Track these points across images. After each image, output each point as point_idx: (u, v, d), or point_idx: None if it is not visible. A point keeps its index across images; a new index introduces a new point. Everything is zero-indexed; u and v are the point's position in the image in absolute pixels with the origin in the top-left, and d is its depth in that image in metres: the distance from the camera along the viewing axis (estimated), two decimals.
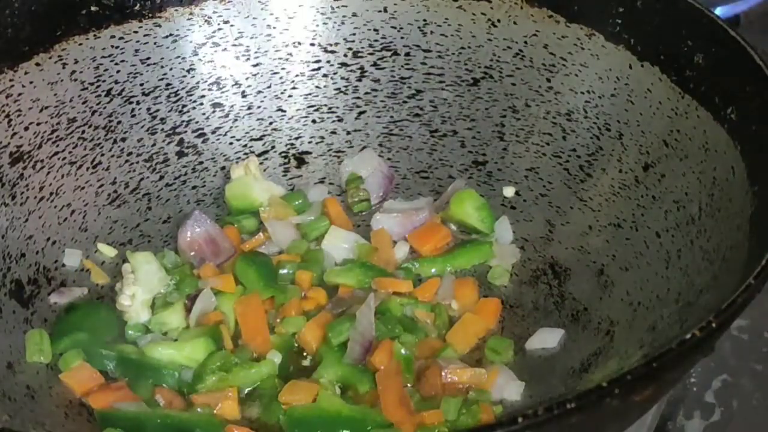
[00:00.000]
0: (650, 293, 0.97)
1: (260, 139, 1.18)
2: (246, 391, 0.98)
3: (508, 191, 1.13)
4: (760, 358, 1.08)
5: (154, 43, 1.14)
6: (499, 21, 1.14)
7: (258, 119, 1.18)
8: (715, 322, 0.76)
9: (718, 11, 1.29)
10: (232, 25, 1.17)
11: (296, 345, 1.02)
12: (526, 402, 0.96)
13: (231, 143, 1.17)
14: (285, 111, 1.19)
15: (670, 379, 0.83)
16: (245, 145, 1.17)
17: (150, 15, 1.14)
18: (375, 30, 1.18)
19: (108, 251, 1.09)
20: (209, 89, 1.17)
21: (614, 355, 0.95)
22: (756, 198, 0.90)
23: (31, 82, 1.08)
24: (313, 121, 1.19)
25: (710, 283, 0.90)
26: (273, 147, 1.18)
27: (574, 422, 0.72)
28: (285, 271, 1.07)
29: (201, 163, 1.16)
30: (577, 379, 0.95)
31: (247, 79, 1.18)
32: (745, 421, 1.03)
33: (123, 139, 1.13)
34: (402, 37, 1.18)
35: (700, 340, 0.75)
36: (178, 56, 1.15)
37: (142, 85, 1.14)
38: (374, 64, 1.18)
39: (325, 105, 1.19)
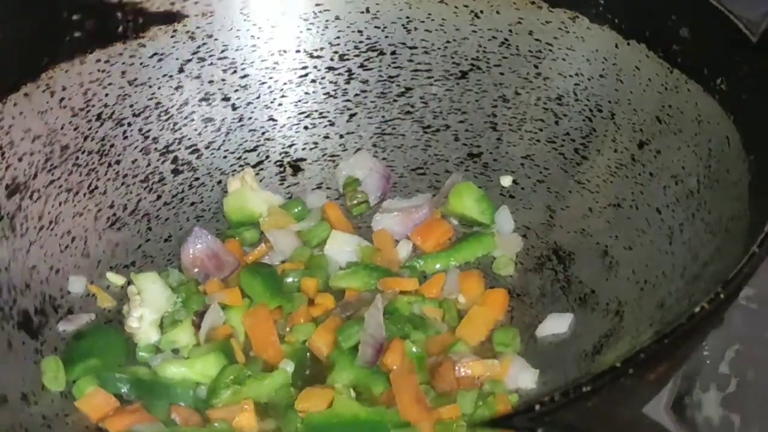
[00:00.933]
0: (656, 270, 0.97)
1: (254, 150, 1.18)
2: (262, 402, 0.98)
3: (506, 181, 1.13)
4: None
5: (140, 64, 1.14)
6: (482, 12, 1.14)
7: (250, 130, 1.18)
8: (723, 293, 0.76)
9: None
10: (216, 39, 1.17)
11: (308, 353, 1.02)
12: (542, 389, 0.96)
13: (225, 156, 1.17)
14: (276, 120, 1.19)
15: (683, 353, 0.83)
16: (239, 157, 1.17)
17: (134, 36, 1.13)
18: (359, 31, 1.18)
19: (116, 280, 1.09)
20: (199, 104, 1.17)
21: (625, 335, 0.95)
22: (753, 166, 0.90)
23: (21, 113, 1.07)
24: (306, 128, 1.19)
25: (714, 255, 0.90)
26: (267, 157, 1.18)
27: (590, 405, 0.72)
28: (290, 279, 1.07)
29: (197, 179, 1.16)
30: (590, 361, 0.95)
31: (235, 91, 1.18)
32: (761, 391, 1.03)
33: (117, 162, 1.13)
34: (386, 36, 1.18)
35: (709, 312, 0.75)
36: (165, 74, 1.15)
37: (131, 106, 1.14)
38: (361, 66, 1.18)
39: (316, 110, 1.19)
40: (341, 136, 1.19)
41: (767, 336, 1.07)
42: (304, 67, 1.19)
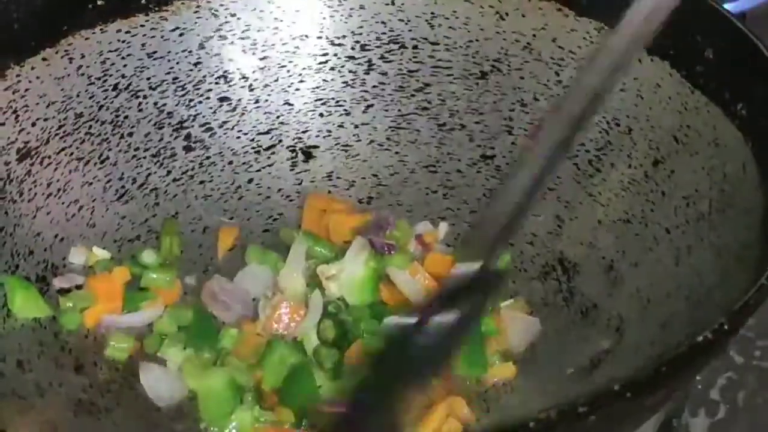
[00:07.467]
0: (660, 290, 0.96)
1: (267, 132, 1.18)
2: None
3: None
4: (765, 356, 1.08)
5: (161, 37, 1.13)
6: (507, 14, 1.13)
7: (265, 113, 1.18)
8: (728, 324, 0.76)
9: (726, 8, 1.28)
10: (239, 18, 1.16)
11: None
12: (537, 404, 0.96)
13: (238, 137, 1.17)
14: (292, 104, 1.18)
15: (681, 381, 0.83)
16: (252, 139, 1.17)
17: (156, 8, 1.13)
18: (382, 23, 1.17)
19: (101, 254, 1.07)
20: (216, 83, 1.16)
21: (625, 353, 0.95)
22: None
23: (37, 77, 1.07)
24: (321, 115, 1.19)
25: (721, 281, 0.90)
26: (280, 141, 1.18)
27: (585, 425, 0.72)
28: None
29: (208, 157, 1.15)
30: (587, 376, 0.95)
31: (254, 72, 1.17)
32: (750, 419, 1.03)
33: (130, 134, 1.12)
34: (410, 30, 1.17)
35: (712, 343, 0.75)
36: (185, 50, 1.15)
37: (149, 79, 1.13)
38: (382, 57, 1.18)
39: (333, 98, 1.19)
40: (356, 126, 1.18)
41: (762, 365, 1.07)
42: (325, 54, 1.18)
